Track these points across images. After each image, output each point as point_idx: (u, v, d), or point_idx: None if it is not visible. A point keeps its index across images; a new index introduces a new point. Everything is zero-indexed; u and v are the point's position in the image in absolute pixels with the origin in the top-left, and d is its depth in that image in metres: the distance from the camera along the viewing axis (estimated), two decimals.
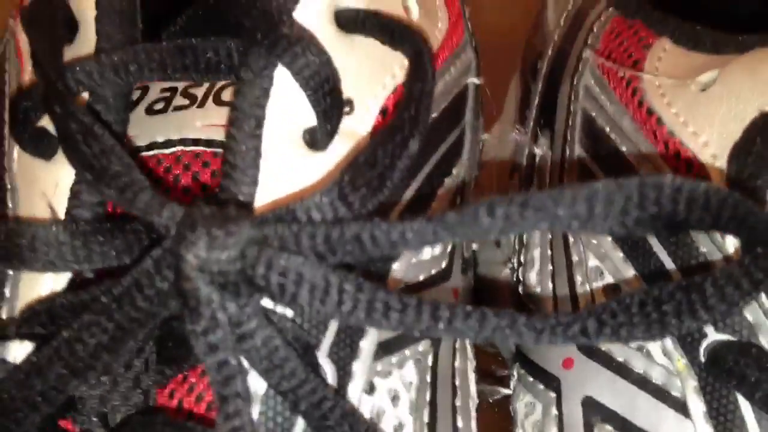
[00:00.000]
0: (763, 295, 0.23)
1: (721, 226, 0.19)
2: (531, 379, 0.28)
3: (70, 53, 0.24)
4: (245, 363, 0.20)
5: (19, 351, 0.22)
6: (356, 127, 0.24)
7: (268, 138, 0.22)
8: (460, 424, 0.26)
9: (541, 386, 0.28)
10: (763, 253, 0.19)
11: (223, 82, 0.24)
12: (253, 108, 0.22)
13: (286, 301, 0.18)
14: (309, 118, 0.23)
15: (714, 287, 0.19)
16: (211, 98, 0.24)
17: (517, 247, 0.32)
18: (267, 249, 0.18)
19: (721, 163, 0.24)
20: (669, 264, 0.25)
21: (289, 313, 0.22)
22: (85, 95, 0.23)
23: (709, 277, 0.19)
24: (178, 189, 0.23)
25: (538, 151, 0.32)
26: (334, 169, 0.23)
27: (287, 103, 0.23)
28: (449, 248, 0.27)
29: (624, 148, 0.27)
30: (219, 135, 0.23)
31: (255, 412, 0.21)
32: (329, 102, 0.23)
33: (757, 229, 0.19)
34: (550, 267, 0.29)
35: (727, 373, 0.23)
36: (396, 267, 0.24)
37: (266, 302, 0.21)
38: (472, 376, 0.27)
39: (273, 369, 0.20)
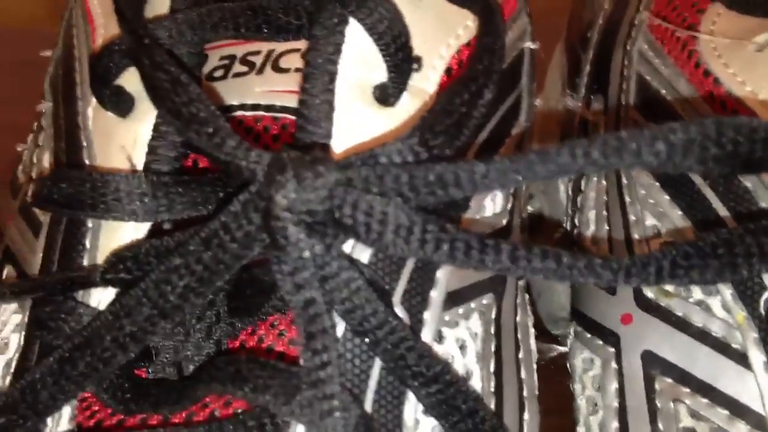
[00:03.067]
0: None
1: None
2: (589, 335, 0.29)
3: (148, 12, 0.24)
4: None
5: (103, 296, 0.23)
6: (423, 85, 0.24)
7: (339, 93, 0.23)
8: (523, 375, 0.26)
9: (600, 342, 0.28)
10: None
11: (281, 49, 0.25)
12: (326, 63, 0.23)
13: (371, 240, 0.19)
14: (379, 74, 0.24)
15: None
16: (269, 65, 0.25)
17: (570, 211, 0.33)
18: (353, 190, 0.19)
19: None
20: (728, 219, 0.25)
21: (365, 259, 0.22)
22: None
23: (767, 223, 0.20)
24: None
25: (590, 116, 0.33)
26: (402, 125, 0.23)
27: (358, 59, 0.23)
28: (509, 205, 0.27)
29: (680, 109, 0.28)
30: (279, 100, 0.24)
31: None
32: (400, 57, 0.23)
33: None
34: (606, 228, 0.30)
35: None
36: (464, 218, 0.25)
37: (346, 247, 0.21)
38: (532, 332, 0.28)
39: (354, 310, 0.20)
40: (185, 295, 0.20)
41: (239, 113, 0.24)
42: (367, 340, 0.21)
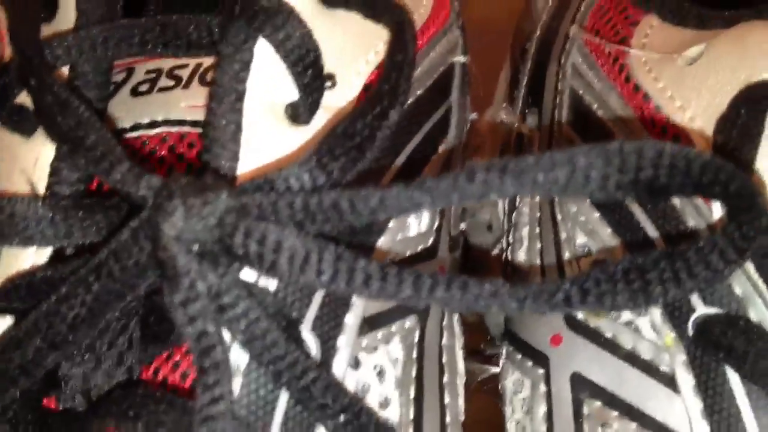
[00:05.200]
0: (751, 267, 0.22)
1: (704, 192, 0.19)
2: (519, 356, 0.28)
3: (50, 30, 0.24)
4: (227, 334, 0.20)
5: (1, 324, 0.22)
6: (339, 102, 0.24)
7: (249, 112, 0.22)
8: (447, 400, 0.26)
9: (530, 363, 0.28)
10: (747, 220, 0.19)
11: (208, 63, 0.24)
12: (233, 82, 0.22)
13: (265, 269, 0.18)
14: (291, 92, 0.23)
15: (698, 255, 0.19)
16: (196, 79, 0.24)
17: (506, 227, 0.32)
18: (245, 218, 0.18)
19: (708, 136, 0.24)
20: (657, 239, 0.25)
21: (272, 286, 0.21)
22: (65, 71, 0.23)
23: (694, 245, 0.19)
24: (162, 170, 0.23)
25: (525, 130, 0.32)
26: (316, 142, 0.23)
27: (269, 78, 0.23)
28: (436, 225, 0.27)
29: (611, 125, 0.27)
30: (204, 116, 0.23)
31: (237, 384, 0.21)
32: (310, 76, 0.22)
33: (741, 195, 0.19)
34: (539, 245, 0.29)
35: (715, 346, 0.23)
36: (381, 242, 0.24)
37: (249, 276, 0.21)
38: (460, 354, 0.27)
39: (254, 340, 0.20)
40: (76, 327, 0.19)
41: (164, 129, 0.24)
42: (271, 370, 0.20)
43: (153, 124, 0.24)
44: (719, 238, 0.19)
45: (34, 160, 0.23)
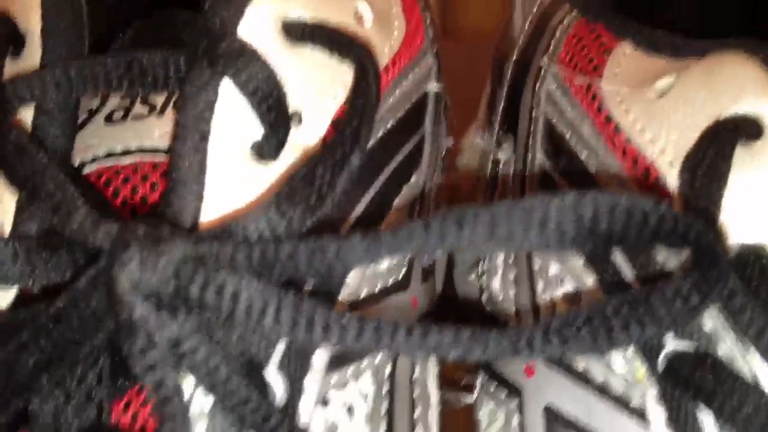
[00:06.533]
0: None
1: (665, 241, 0.18)
2: (493, 387, 0.28)
3: (15, 68, 0.23)
4: (190, 379, 0.20)
5: None
6: (306, 140, 0.23)
7: (215, 152, 0.22)
8: None
9: (504, 394, 0.27)
10: (709, 266, 0.19)
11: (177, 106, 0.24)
12: (196, 122, 0.22)
13: (222, 319, 0.18)
14: (257, 131, 0.23)
15: (662, 301, 0.19)
16: (170, 106, 0.24)
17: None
18: (202, 268, 0.18)
19: (677, 169, 0.24)
20: (628, 272, 0.25)
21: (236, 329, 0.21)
22: (29, 111, 0.23)
23: (658, 290, 0.19)
24: (136, 199, 0.23)
25: (501, 156, 0.32)
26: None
27: (234, 117, 0.23)
28: (407, 258, 0.27)
29: (583, 156, 0.27)
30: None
31: (201, 428, 0.21)
32: (275, 114, 0.22)
33: (701, 244, 0.19)
34: (513, 274, 0.29)
35: (685, 382, 0.23)
36: (352, 277, 0.24)
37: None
38: (433, 385, 0.27)
39: (216, 385, 0.19)
40: (37, 372, 0.19)
41: (137, 158, 0.24)
42: (235, 415, 0.20)
43: (126, 152, 0.24)
44: (683, 283, 0.19)
45: (0, 197, 0.23)
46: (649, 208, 0.17)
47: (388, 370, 0.25)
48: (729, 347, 0.22)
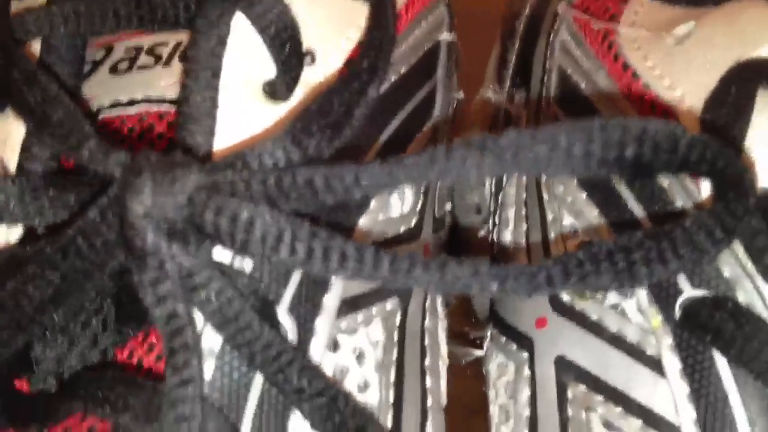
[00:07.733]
0: (740, 248, 0.22)
1: (691, 169, 0.18)
2: (504, 339, 0.28)
3: (21, 4, 0.23)
4: (199, 316, 0.19)
5: None
6: (319, 79, 0.23)
7: (226, 89, 0.22)
8: (428, 384, 0.25)
9: (514, 346, 0.27)
10: (735, 198, 0.18)
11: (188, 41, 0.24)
12: (208, 58, 0.21)
13: (237, 248, 0.18)
14: (269, 69, 0.22)
15: (685, 235, 0.19)
16: (176, 57, 0.24)
17: (492, 208, 0.31)
18: (216, 195, 0.18)
19: (697, 115, 0.23)
20: (644, 219, 0.24)
21: (247, 267, 0.21)
22: (37, 46, 0.22)
23: (680, 224, 0.19)
24: (139, 148, 0.22)
25: (513, 110, 0.31)
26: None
27: (246, 54, 0.22)
28: (419, 206, 0.26)
29: (599, 104, 0.27)
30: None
31: (210, 367, 0.20)
32: (289, 52, 0.22)
33: (728, 173, 0.18)
34: (525, 226, 0.29)
35: (702, 329, 0.22)
36: (362, 222, 0.24)
37: (224, 257, 0.20)
38: (442, 336, 0.27)
39: (227, 322, 0.19)
40: (42, 307, 0.19)
41: (143, 108, 0.23)
42: (245, 353, 0.20)
43: (132, 103, 0.23)
44: (706, 218, 0.19)
45: (4, 138, 0.22)
46: (680, 133, 0.17)
47: (398, 319, 0.25)
48: (749, 292, 0.22)
